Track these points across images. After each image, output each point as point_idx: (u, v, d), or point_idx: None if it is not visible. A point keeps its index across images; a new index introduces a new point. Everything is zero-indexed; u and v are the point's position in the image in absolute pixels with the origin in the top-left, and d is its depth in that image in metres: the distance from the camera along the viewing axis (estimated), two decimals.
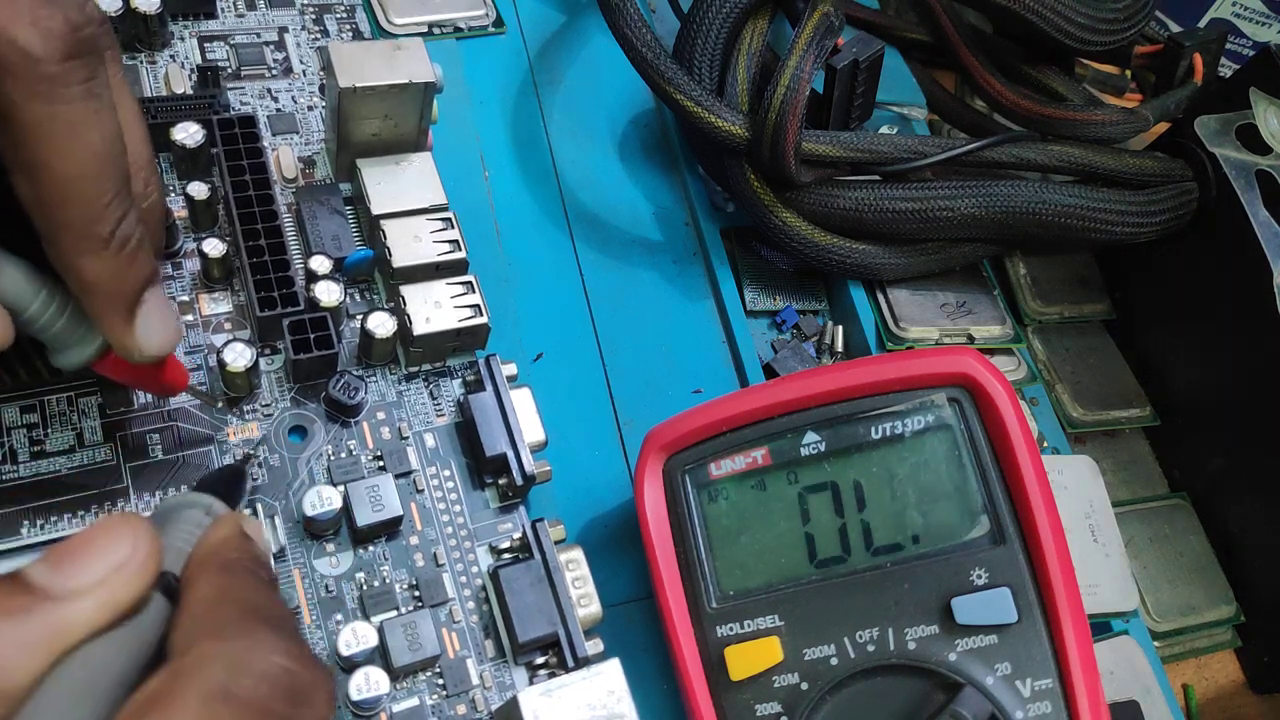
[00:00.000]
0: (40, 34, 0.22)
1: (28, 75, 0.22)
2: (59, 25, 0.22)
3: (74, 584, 0.18)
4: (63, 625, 0.18)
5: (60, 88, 0.23)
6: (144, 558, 0.19)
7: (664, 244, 0.46)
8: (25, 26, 0.22)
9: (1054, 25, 0.43)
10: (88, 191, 0.24)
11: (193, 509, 0.23)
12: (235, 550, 0.21)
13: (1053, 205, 0.42)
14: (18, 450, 0.32)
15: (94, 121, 0.24)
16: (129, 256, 0.25)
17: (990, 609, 0.32)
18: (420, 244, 0.36)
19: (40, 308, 0.26)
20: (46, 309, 0.26)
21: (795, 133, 0.39)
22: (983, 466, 0.33)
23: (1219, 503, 0.46)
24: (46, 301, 0.26)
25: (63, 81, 0.23)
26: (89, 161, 0.24)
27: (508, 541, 0.34)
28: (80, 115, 0.23)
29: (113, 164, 0.24)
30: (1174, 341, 0.47)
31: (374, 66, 0.36)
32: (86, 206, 0.24)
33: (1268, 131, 0.42)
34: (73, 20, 0.23)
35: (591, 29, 0.50)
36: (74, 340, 0.27)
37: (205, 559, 0.21)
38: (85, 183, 0.24)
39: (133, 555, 0.19)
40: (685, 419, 0.35)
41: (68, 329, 0.27)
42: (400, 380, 0.36)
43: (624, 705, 0.28)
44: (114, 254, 0.25)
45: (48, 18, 0.22)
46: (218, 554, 0.21)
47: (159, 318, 0.27)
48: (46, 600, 0.18)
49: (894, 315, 0.44)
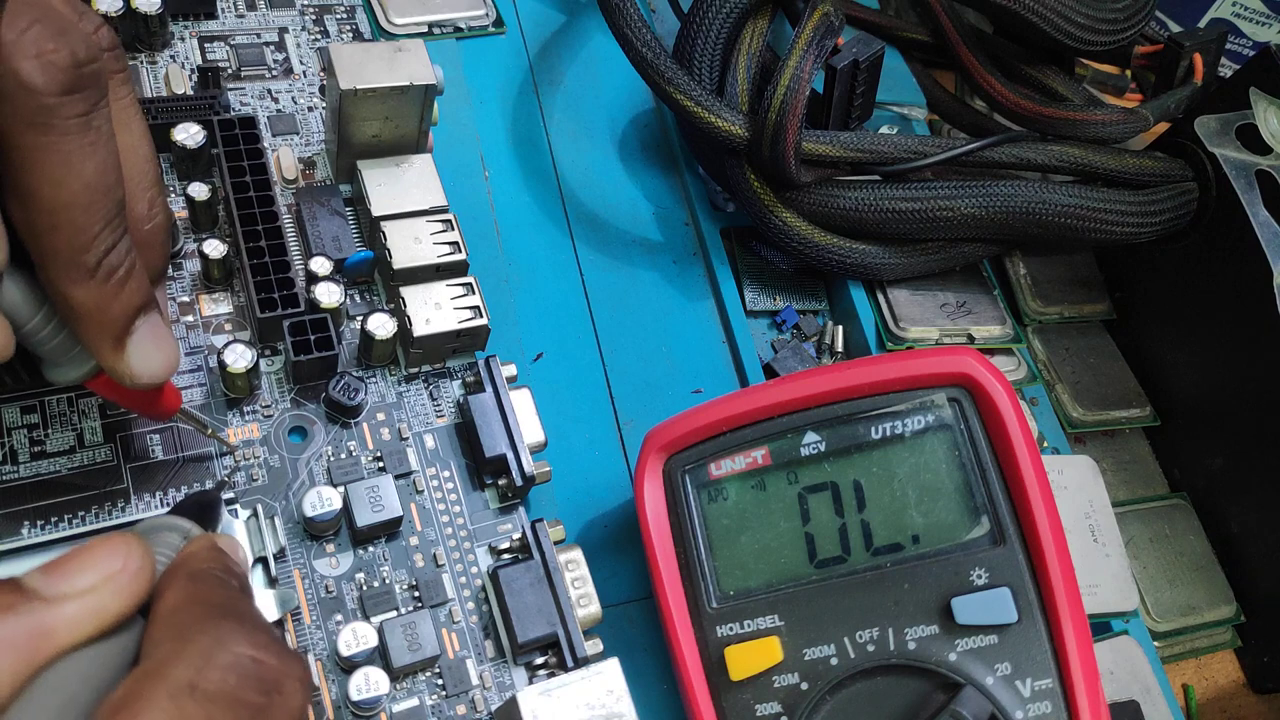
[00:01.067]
0: (42, 67, 0.22)
1: (25, 106, 0.23)
2: (63, 59, 0.23)
3: (64, 589, 0.18)
4: (49, 627, 0.18)
5: (56, 119, 0.23)
6: (135, 571, 0.19)
7: (664, 244, 0.46)
8: (29, 60, 0.22)
9: (1054, 25, 0.43)
10: (76, 220, 0.24)
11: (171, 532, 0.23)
12: (205, 561, 0.22)
13: (1053, 205, 0.42)
14: (18, 450, 0.32)
15: (88, 153, 0.24)
16: (116, 286, 0.26)
17: (990, 609, 0.32)
18: (420, 245, 0.36)
19: (39, 322, 0.26)
20: (45, 324, 0.26)
21: (795, 133, 0.39)
22: (983, 466, 0.33)
23: (1219, 503, 0.46)
24: (46, 317, 0.26)
25: (60, 114, 0.23)
26: (79, 192, 0.24)
27: (507, 542, 0.34)
28: (74, 146, 0.23)
29: (104, 195, 0.24)
30: (1174, 341, 0.47)
31: (375, 68, 0.36)
32: (75, 236, 0.24)
33: (1268, 131, 0.42)
34: (77, 56, 0.23)
35: (591, 29, 0.50)
36: (69, 358, 0.27)
37: (175, 570, 0.21)
38: (74, 211, 0.24)
39: (124, 568, 0.19)
40: (685, 419, 0.35)
41: (63, 346, 0.27)
42: (400, 381, 0.36)
43: (623, 705, 0.28)
44: (99, 283, 0.25)
45: (53, 52, 0.23)
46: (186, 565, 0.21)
47: (153, 345, 0.27)
48: (35, 601, 0.18)
49: (894, 315, 0.44)
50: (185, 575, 0.21)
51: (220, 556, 0.22)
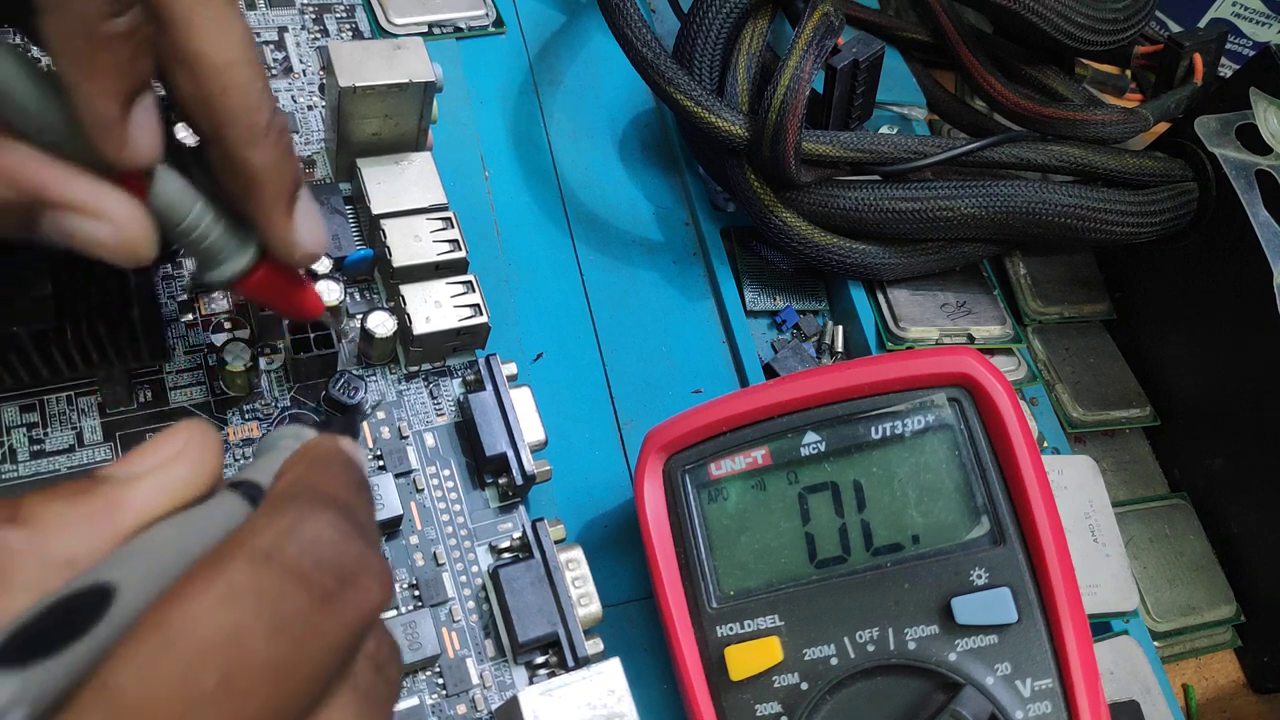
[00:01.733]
0: None
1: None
2: None
3: (135, 470, 0.19)
4: (125, 502, 0.19)
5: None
6: (200, 448, 0.20)
7: (664, 244, 0.46)
8: None
9: (1054, 25, 0.43)
10: (243, 77, 0.25)
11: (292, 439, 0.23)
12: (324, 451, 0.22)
13: (1053, 205, 0.42)
14: (17, 449, 0.32)
15: (233, 11, 0.25)
16: (287, 145, 0.26)
17: (990, 609, 0.32)
18: (420, 243, 0.36)
19: (197, 216, 0.26)
20: (203, 218, 0.26)
21: (795, 133, 0.39)
22: (983, 466, 0.33)
23: (1219, 503, 0.46)
24: (203, 210, 0.26)
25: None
26: (239, 47, 0.25)
27: (508, 541, 0.34)
28: (221, 5, 0.24)
29: (255, 51, 0.25)
30: (1174, 341, 0.47)
31: (374, 66, 0.36)
32: (244, 93, 0.25)
33: (1268, 131, 0.42)
34: None
35: (591, 29, 0.50)
36: (229, 252, 0.27)
37: (293, 457, 0.21)
38: (240, 68, 0.25)
39: (188, 446, 0.20)
40: (685, 419, 0.35)
41: (223, 239, 0.27)
42: (400, 380, 0.36)
43: (624, 704, 0.28)
44: (274, 141, 0.26)
45: None
46: (305, 453, 0.21)
47: (313, 215, 0.28)
48: (107, 483, 0.19)
49: (894, 315, 0.44)
50: (302, 461, 0.21)
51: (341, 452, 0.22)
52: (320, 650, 0.17)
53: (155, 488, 0.19)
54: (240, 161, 0.26)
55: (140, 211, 0.25)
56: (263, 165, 0.26)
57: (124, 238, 0.25)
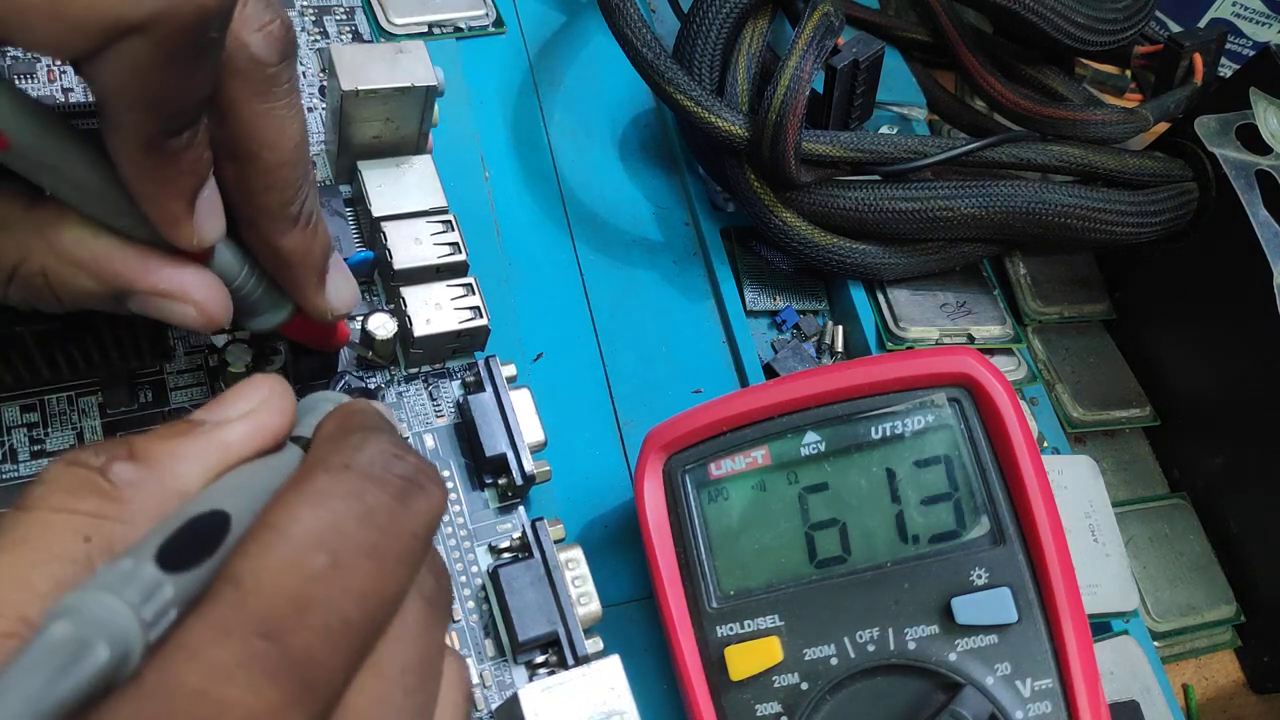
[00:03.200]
0: (265, 39, 0.24)
1: (255, 76, 0.25)
2: (278, 30, 0.25)
3: (228, 414, 0.21)
4: (221, 440, 0.21)
5: (275, 86, 0.25)
6: (280, 397, 0.22)
7: (664, 244, 0.46)
8: (254, 33, 0.24)
9: (1054, 25, 0.43)
10: (287, 178, 0.26)
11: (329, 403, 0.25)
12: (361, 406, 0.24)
13: (1053, 205, 0.42)
14: (18, 449, 0.32)
15: (296, 115, 0.26)
16: (315, 230, 0.28)
17: (990, 609, 0.32)
18: (421, 246, 0.36)
19: (244, 279, 0.28)
20: (248, 279, 0.29)
21: (795, 133, 0.39)
22: (983, 466, 0.33)
23: (1219, 503, 0.46)
24: (249, 273, 0.28)
25: (278, 81, 0.25)
26: (291, 151, 0.26)
27: (507, 541, 0.34)
28: (287, 110, 0.26)
29: (306, 151, 0.27)
30: (1174, 341, 0.47)
31: (376, 69, 0.36)
32: (285, 192, 0.27)
33: (1268, 131, 0.42)
34: (286, 23, 0.25)
35: (591, 29, 0.50)
36: (269, 306, 0.30)
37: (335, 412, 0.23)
38: (286, 170, 0.26)
39: (270, 395, 0.22)
40: (685, 419, 0.35)
41: (265, 298, 0.29)
42: (400, 381, 0.36)
43: (624, 701, 0.28)
44: (302, 230, 0.28)
45: (270, 23, 0.24)
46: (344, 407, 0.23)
47: (344, 281, 0.31)
48: (205, 424, 0.21)
49: (894, 315, 0.44)
50: (344, 412, 0.23)
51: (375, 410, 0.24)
52: (402, 539, 0.19)
53: (247, 431, 0.21)
54: (273, 248, 0.28)
55: (217, 288, 0.27)
56: (293, 250, 0.28)
57: (207, 315, 0.27)
